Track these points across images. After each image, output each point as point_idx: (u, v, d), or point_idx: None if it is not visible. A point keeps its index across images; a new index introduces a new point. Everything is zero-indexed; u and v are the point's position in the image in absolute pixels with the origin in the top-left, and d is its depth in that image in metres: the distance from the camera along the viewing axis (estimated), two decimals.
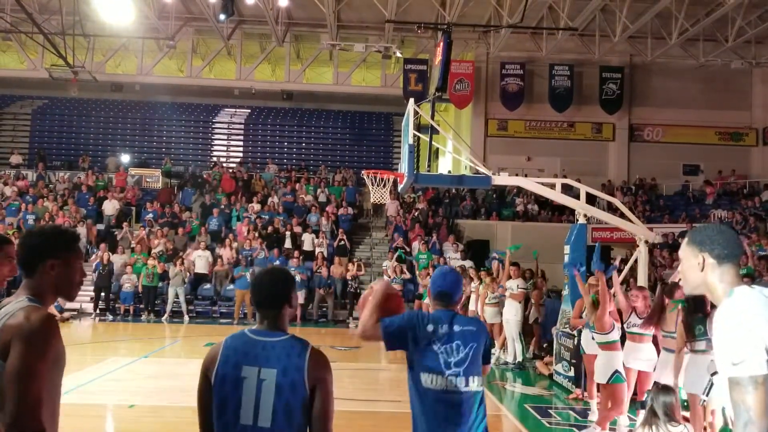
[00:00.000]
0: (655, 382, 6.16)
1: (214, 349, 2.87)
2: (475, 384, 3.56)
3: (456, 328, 3.56)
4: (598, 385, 7.96)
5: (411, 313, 3.64)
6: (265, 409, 2.74)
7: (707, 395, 6.11)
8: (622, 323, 7.87)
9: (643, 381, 7.67)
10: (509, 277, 12.64)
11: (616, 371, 7.30)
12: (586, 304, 8.37)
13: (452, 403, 3.46)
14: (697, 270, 2.49)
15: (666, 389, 4.95)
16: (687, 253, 2.53)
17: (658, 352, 7.54)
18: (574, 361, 10.15)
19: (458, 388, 3.47)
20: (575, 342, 10.18)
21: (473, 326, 3.65)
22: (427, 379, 3.48)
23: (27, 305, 2.58)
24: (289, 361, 2.80)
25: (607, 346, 7.52)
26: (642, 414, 5.12)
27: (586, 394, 9.35)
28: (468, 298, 15.23)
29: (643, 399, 5.26)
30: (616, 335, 7.50)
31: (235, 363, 2.79)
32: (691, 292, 2.61)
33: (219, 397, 2.79)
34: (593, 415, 8.47)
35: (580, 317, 9.28)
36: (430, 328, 3.52)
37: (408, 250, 20.73)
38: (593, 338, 7.90)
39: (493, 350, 13.59)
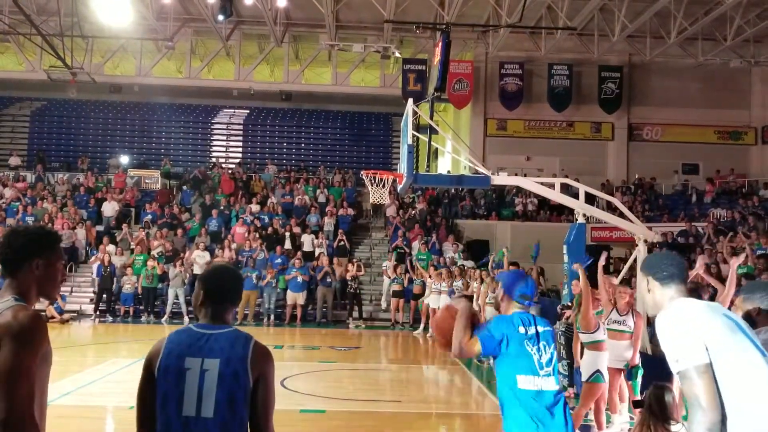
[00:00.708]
0: (653, 382, 6.14)
1: (158, 344, 2.88)
2: (559, 384, 3.84)
3: (539, 328, 3.85)
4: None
5: (501, 320, 3.88)
6: (208, 400, 2.74)
7: None
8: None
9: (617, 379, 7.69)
10: None
11: (598, 371, 7.22)
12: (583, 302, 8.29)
13: (546, 404, 3.69)
14: (647, 292, 2.89)
15: (663, 387, 4.93)
16: (639, 278, 2.95)
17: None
18: (568, 360, 10.13)
19: (550, 389, 3.74)
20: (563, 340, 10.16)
21: (549, 327, 3.95)
22: (523, 381, 3.71)
23: (14, 304, 2.60)
24: (232, 351, 2.81)
25: (592, 345, 7.40)
26: (638, 413, 5.10)
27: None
28: (471, 297, 15.25)
29: (636, 398, 5.22)
30: (601, 335, 7.42)
31: (178, 354, 2.80)
32: (651, 313, 2.89)
33: (162, 390, 2.78)
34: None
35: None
36: (522, 329, 3.77)
37: (407, 250, 20.73)
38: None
39: None
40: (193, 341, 2.84)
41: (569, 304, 10.40)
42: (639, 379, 7.76)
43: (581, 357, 7.68)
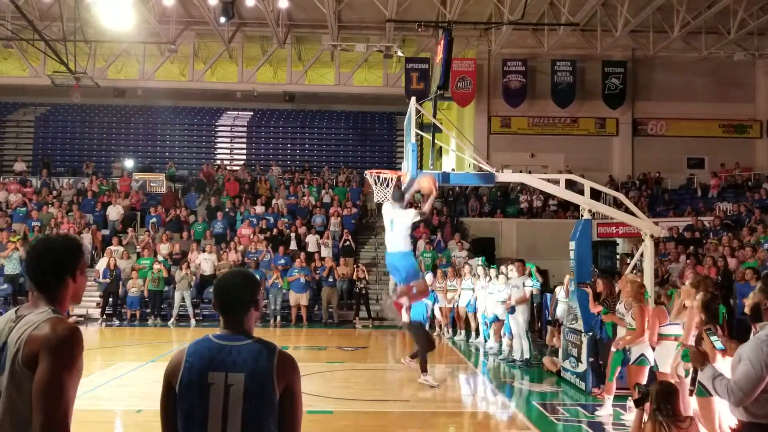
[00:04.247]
0: (657, 380, 6.13)
1: (177, 356, 2.77)
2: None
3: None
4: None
5: None
6: (234, 416, 2.65)
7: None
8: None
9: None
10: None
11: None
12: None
13: None
14: None
15: (668, 385, 4.95)
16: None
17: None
18: (591, 359, 10.01)
19: None
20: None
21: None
22: None
23: (52, 317, 2.60)
24: (256, 365, 2.70)
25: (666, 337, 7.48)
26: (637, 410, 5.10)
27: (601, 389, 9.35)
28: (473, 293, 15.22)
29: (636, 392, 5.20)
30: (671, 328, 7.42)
31: (200, 369, 2.69)
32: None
33: (184, 406, 2.69)
34: (603, 410, 8.55)
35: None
36: None
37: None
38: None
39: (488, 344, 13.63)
40: (215, 354, 2.73)
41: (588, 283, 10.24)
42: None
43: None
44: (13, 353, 2.54)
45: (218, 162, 29.80)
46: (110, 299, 18.60)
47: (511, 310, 12.49)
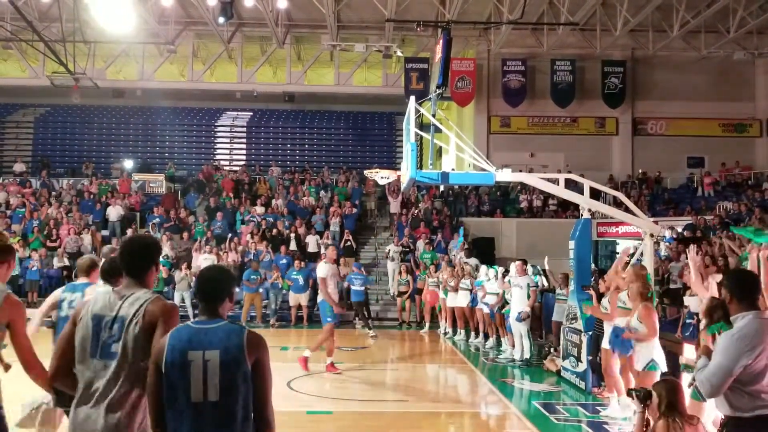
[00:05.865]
0: (663, 377, 6.12)
1: (162, 341, 3.22)
2: None
3: None
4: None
5: None
6: (213, 386, 3.12)
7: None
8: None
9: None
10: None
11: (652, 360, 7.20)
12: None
13: None
14: None
15: (675, 382, 4.94)
16: None
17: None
18: (591, 358, 10.00)
19: None
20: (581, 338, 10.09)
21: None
22: None
23: (155, 296, 3.49)
24: (229, 341, 3.18)
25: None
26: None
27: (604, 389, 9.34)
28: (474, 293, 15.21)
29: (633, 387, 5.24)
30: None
31: (180, 350, 3.15)
32: None
33: (169, 381, 3.13)
34: (610, 409, 8.55)
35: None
36: None
37: (411, 248, 20.68)
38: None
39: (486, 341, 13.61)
40: (193, 336, 3.19)
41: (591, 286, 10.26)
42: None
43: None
44: (132, 323, 3.37)
45: (217, 163, 29.79)
46: None
47: (517, 316, 12.28)
